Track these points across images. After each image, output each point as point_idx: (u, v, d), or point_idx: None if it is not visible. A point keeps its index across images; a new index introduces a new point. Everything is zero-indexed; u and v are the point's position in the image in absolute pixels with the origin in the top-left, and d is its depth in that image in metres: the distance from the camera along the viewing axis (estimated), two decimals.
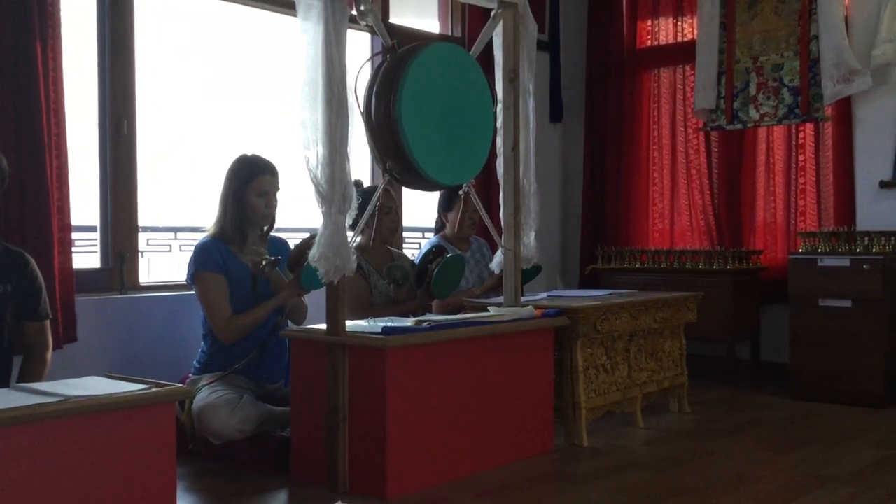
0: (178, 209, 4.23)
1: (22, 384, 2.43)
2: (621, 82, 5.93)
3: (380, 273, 3.97)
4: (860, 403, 4.40)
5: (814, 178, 5.18)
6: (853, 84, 4.75)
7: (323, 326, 3.04)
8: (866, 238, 4.57)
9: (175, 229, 4.23)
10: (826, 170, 5.13)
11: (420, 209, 5.22)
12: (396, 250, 4.34)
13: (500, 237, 3.70)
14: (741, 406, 4.49)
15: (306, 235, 4.73)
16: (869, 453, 3.47)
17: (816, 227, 5.05)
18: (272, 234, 3.66)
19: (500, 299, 3.74)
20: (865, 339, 4.41)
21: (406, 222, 5.13)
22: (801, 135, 5.25)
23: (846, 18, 4.83)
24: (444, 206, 4.45)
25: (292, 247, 3.63)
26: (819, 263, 4.57)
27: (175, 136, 4.22)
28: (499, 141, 3.65)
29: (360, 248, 3.90)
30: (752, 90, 5.19)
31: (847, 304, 4.47)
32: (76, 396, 2.03)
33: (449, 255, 3.86)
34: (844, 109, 4.99)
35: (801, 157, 5.25)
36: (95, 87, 3.83)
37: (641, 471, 3.22)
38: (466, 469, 3.13)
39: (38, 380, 2.79)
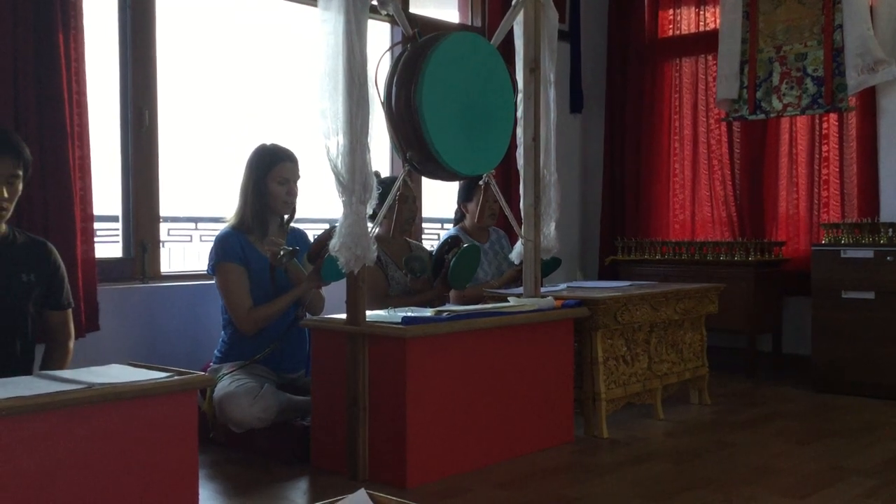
0: (199, 199, 4.25)
1: (45, 371, 2.45)
2: (642, 72, 5.89)
3: (397, 264, 3.97)
4: (883, 396, 4.37)
5: (837, 169, 5.13)
6: (878, 74, 4.69)
7: (343, 316, 3.04)
8: (890, 229, 4.52)
9: (196, 219, 4.25)
10: (850, 160, 5.08)
11: (439, 200, 5.22)
12: (414, 241, 4.34)
13: (520, 228, 3.69)
14: (762, 398, 4.47)
15: (326, 226, 4.77)
16: (891, 446, 3.44)
17: (839, 219, 5.00)
18: (292, 225, 3.67)
19: (520, 290, 3.73)
20: (889, 331, 4.37)
21: (425, 213, 5.13)
22: (824, 125, 5.20)
23: (871, 7, 4.77)
24: (464, 197, 4.45)
25: (312, 238, 3.65)
26: (842, 255, 4.53)
27: (196, 126, 4.24)
28: (519, 131, 3.64)
29: (378, 238, 3.90)
30: (776, 80, 5.14)
31: (870, 295, 4.43)
32: (100, 384, 2.04)
33: (465, 245, 3.86)
34: (869, 99, 4.94)
35: (824, 148, 5.20)
36: (117, 77, 3.85)
37: (661, 462, 3.21)
38: (486, 459, 3.13)
39: (61, 368, 2.82)
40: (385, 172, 4.90)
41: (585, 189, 6.25)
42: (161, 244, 4.01)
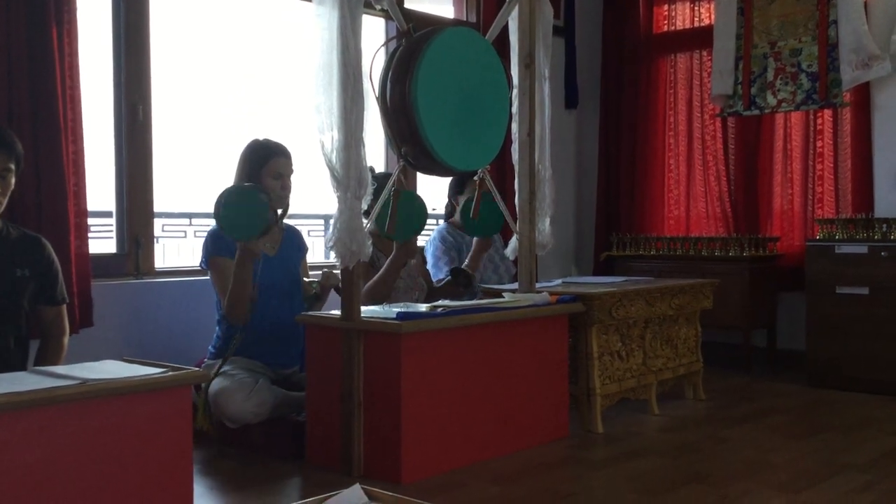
0: (193, 195, 4.24)
1: (39, 367, 2.45)
2: (637, 68, 5.89)
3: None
4: (877, 391, 4.38)
5: (831, 165, 5.14)
6: (872, 69, 4.69)
7: (337, 312, 3.04)
8: (884, 225, 4.53)
9: (190, 215, 4.25)
10: (844, 156, 5.09)
11: (435, 196, 5.20)
12: None
13: (515, 223, 3.69)
14: (757, 394, 4.48)
15: (320, 221, 4.77)
16: (886, 441, 3.45)
17: (834, 214, 5.01)
18: (286, 222, 3.65)
19: (515, 285, 3.73)
20: (883, 326, 4.38)
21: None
22: (818, 121, 5.20)
23: (865, 3, 4.77)
24: (456, 190, 4.41)
25: (306, 235, 3.64)
26: (836, 250, 4.54)
27: (190, 121, 4.23)
28: (514, 126, 3.63)
29: (371, 233, 3.88)
30: (770, 76, 5.14)
31: (864, 291, 4.44)
32: (93, 380, 2.04)
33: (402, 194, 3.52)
34: (863, 95, 4.94)
35: (818, 144, 5.21)
36: (111, 72, 3.84)
37: (656, 457, 3.22)
38: (481, 454, 3.13)
39: (55, 364, 2.81)
40: (380, 168, 4.89)
41: (580, 185, 6.25)
42: (155, 240, 4.00)
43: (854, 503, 2.68)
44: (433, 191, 5.13)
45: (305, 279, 3.63)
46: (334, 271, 3.48)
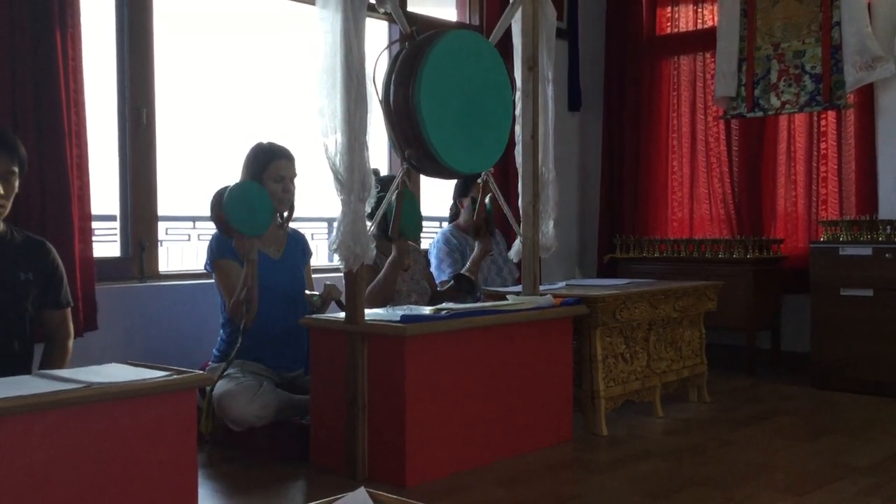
0: (197, 198, 4.24)
1: (44, 371, 2.45)
2: (640, 70, 5.89)
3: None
4: (881, 393, 4.37)
5: (835, 167, 5.13)
6: (876, 71, 4.69)
7: (342, 315, 3.04)
8: (888, 226, 4.52)
9: (194, 219, 4.25)
10: (848, 158, 5.08)
11: (439, 198, 5.21)
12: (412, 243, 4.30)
13: (519, 226, 3.69)
14: (761, 396, 4.47)
15: (324, 224, 4.77)
16: (890, 443, 3.45)
17: (838, 216, 5.00)
18: (292, 226, 3.66)
19: (519, 288, 3.73)
20: (887, 328, 4.37)
21: (423, 212, 5.11)
22: (822, 122, 5.20)
23: (869, 5, 4.77)
24: (461, 192, 4.43)
25: (309, 239, 3.63)
26: (841, 252, 4.53)
27: (194, 125, 4.23)
28: (517, 129, 3.63)
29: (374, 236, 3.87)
30: (774, 77, 5.14)
31: (869, 293, 4.43)
32: (98, 383, 2.04)
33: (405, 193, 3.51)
34: (867, 97, 4.94)
35: (822, 145, 5.20)
36: (115, 76, 3.84)
37: (660, 460, 3.21)
38: (485, 457, 3.13)
39: (60, 367, 2.81)
40: (384, 171, 4.89)
41: (584, 187, 6.25)
42: (159, 243, 4.00)
43: None
44: (437, 194, 5.14)
45: (307, 292, 3.62)
46: (336, 285, 3.48)
